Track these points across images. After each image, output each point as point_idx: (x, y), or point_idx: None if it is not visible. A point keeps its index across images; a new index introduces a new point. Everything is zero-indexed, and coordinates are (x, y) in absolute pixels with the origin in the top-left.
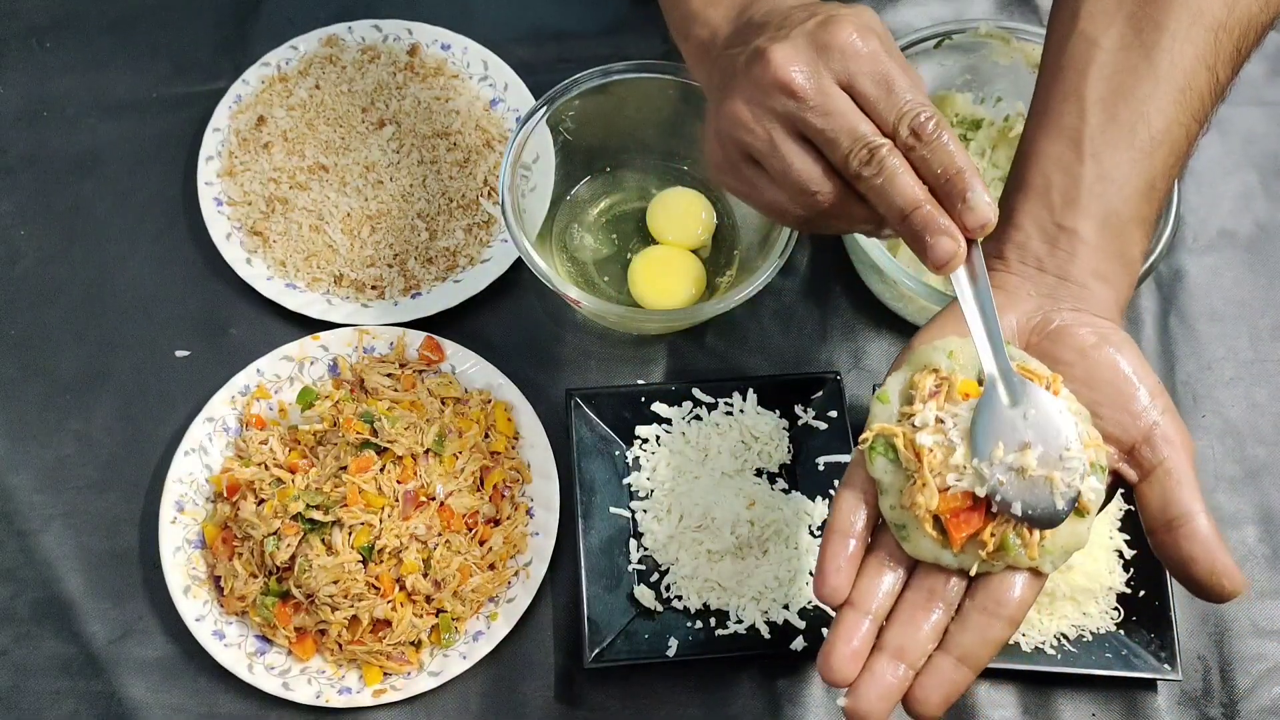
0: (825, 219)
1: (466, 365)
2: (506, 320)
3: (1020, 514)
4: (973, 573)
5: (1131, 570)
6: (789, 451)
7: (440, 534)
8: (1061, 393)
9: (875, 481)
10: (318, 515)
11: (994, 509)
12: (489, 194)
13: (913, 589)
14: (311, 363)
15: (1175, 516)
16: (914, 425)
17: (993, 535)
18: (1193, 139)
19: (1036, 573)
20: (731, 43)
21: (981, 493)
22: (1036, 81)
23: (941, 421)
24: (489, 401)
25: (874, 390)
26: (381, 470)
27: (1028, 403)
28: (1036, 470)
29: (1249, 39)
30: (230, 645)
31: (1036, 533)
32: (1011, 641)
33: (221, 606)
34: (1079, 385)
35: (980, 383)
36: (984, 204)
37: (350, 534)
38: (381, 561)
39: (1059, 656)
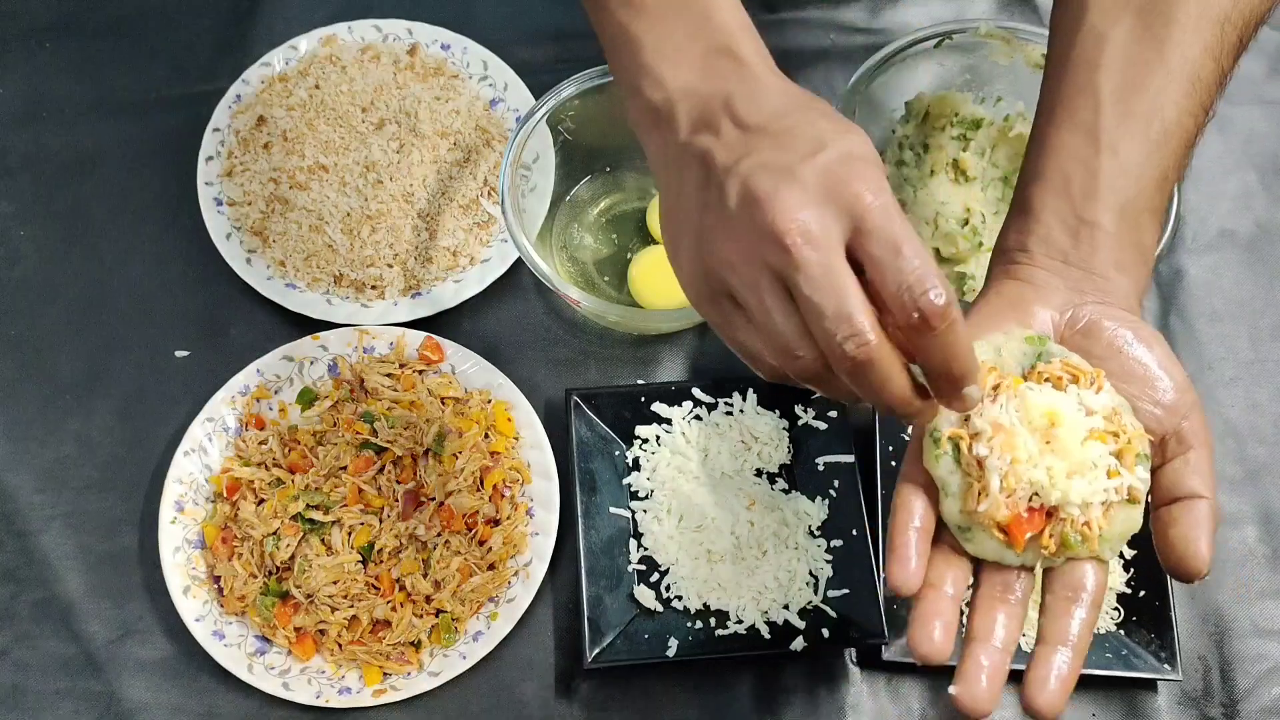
0: (800, 378)
1: (466, 365)
2: (506, 320)
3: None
4: (1037, 570)
5: (1132, 570)
6: (789, 452)
7: (440, 534)
8: (1105, 388)
9: (937, 479)
10: (317, 515)
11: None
12: (489, 194)
13: (985, 583)
14: (311, 363)
15: (1181, 495)
16: (973, 429)
17: (1052, 536)
18: (1200, 128)
19: (1099, 559)
20: (699, 128)
21: (1048, 503)
22: (1044, 75)
23: (1001, 426)
24: (489, 401)
25: None
26: (381, 470)
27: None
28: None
29: (1250, 30)
30: (230, 645)
31: (1095, 525)
32: None
33: (221, 606)
34: (1114, 380)
35: (1026, 378)
36: (976, 396)
37: (350, 534)
38: (381, 561)
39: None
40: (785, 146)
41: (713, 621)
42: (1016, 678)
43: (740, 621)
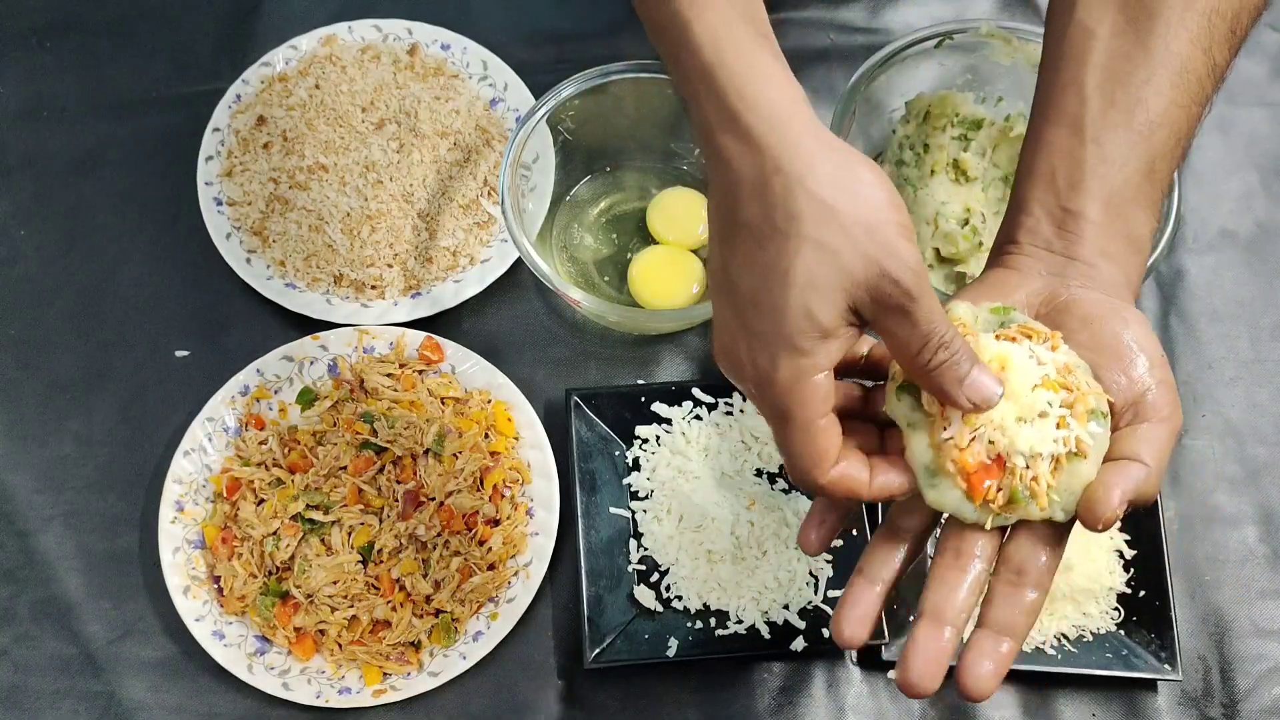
0: None
1: (466, 365)
2: (506, 320)
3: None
4: (988, 525)
5: (1132, 570)
6: None
7: (440, 534)
8: (1061, 348)
9: (900, 419)
10: (317, 515)
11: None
12: (489, 194)
13: (941, 553)
14: (311, 363)
15: (1119, 457)
16: None
17: (1000, 490)
18: (1193, 120)
19: (1055, 526)
20: (755, 189)
21: (998, 448)
22: (1039, 73)
23: None
24: (489, 401)
25: None
26: (381, 470)
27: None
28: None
29: (1243, 21)
30: (230, 645)
31: (1043, 480)
32: None
33: (221, 606)
34: (1081, 349)
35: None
36: (988, 387)
37: (350, 534)
38: (381, 562)
39: (1059, 656)
40: (725, 298)
41: (713, 621)
42: (1016, 677)
43: (740, 621)
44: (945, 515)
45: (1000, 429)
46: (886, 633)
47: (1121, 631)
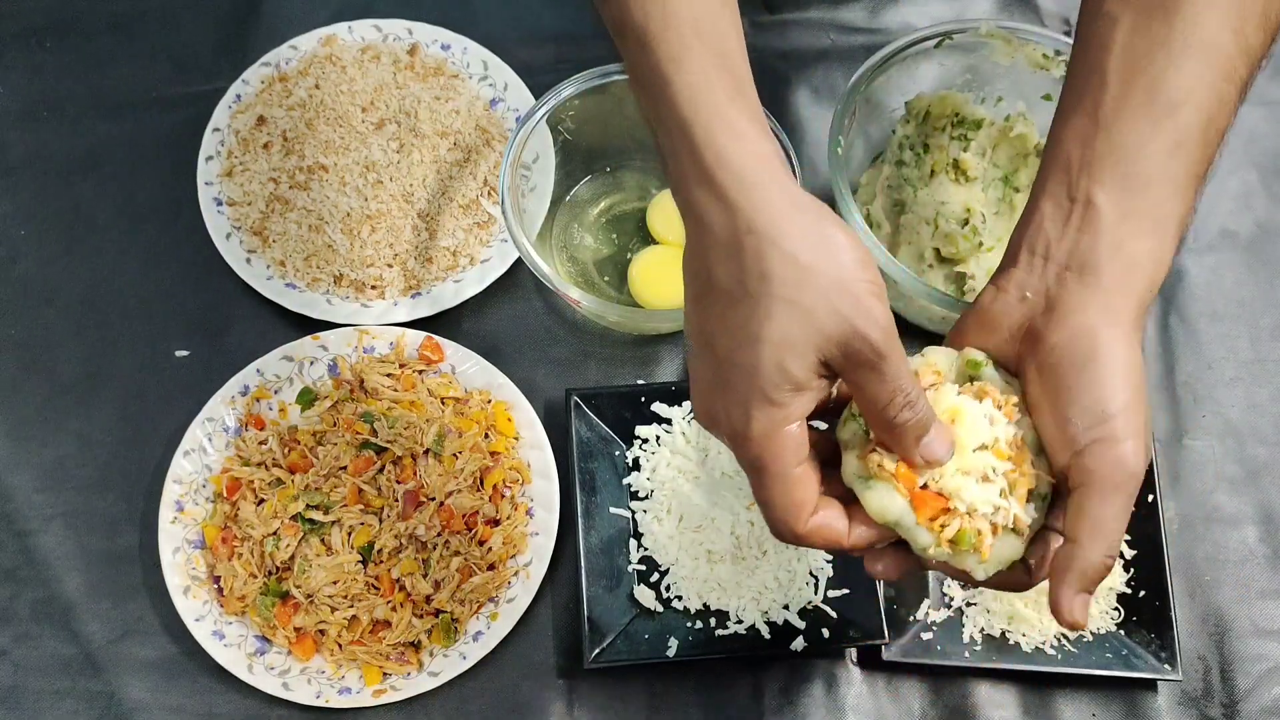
0: None
1: (466, 365)
2: (506, 320)
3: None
4: (931, 552)
5: (1132, 570)
6: None
7: (440, 534)
8: (1015, 418)
9: (842, 443)
10: (317, 515)
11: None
12: (489, 194)
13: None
14: (311, 363)
15: (1052, 527)
16: None
17: (945, 527)
18: (1225, 99)
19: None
20: (728, 249)
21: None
22: (1067, 67)
23: None
24: (489, 401)
25: None
26: (381, 470)
27: None
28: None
29: (1275, 5)
30: (230, 645)
31: (986, 536)
32: (1011, 642)
33: (221, 606)
34: (1038, 402)
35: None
36: (938, 448)
37: (350, 534)
38: (381, 562)
39: (1059, 656)
40: (703, 357)
41: (713, 621)
42: (1016, 677)
43: (740, 621)
44: None
45: (939, 474)
46: (887, 633)
47: (1121, 631)
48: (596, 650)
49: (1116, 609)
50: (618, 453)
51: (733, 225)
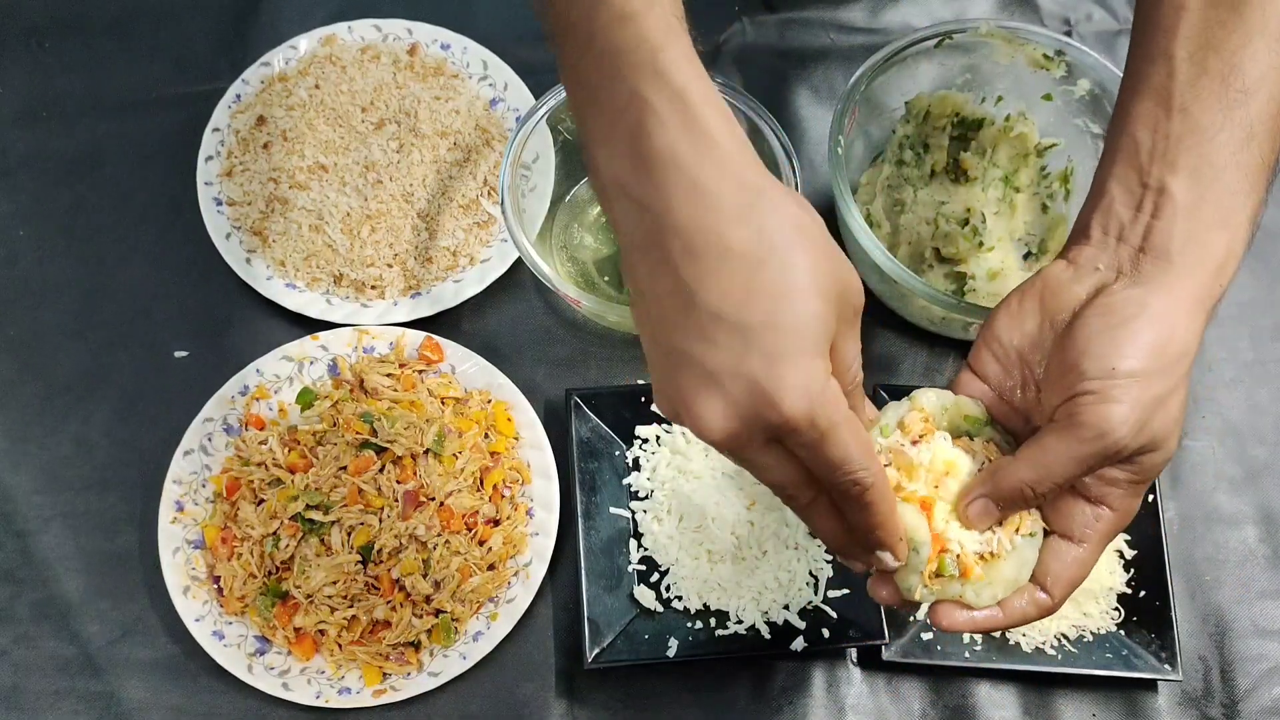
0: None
1: (466, 365)
2: (506, 320)
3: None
4: (917, 595)
5: (1132, 570)
6: None
7: (440, 534)
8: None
9: None
10: (317, 515)
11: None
12: (489, 194)
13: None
14: (311, 363)
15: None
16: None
17: (932, 561)
18: None
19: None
20: (641, 250)
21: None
22: (1128, 53)
23: (906, 458)
24: (489, 401)
25: (874, 391)
26: (381, 470)
27: None
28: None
29: None
30: (230, 645)
31: (971, 560)
32: (1012, 642)
33: (221, 606)
34: (1050, 367)
35: (955, 435)
36: (890, 562)
37: (349, 534)
38: (381, 561)
39: (1059, 657)
40: (713, 339)
41: (713, 621)
42: (1016, 677)
43: (740, 621)
44: None
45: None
46: (887, 633)
47: (1121, 631)
48: (596, 650)
49: (1116, 609)
50: (618, 453)
51: (741, 188)
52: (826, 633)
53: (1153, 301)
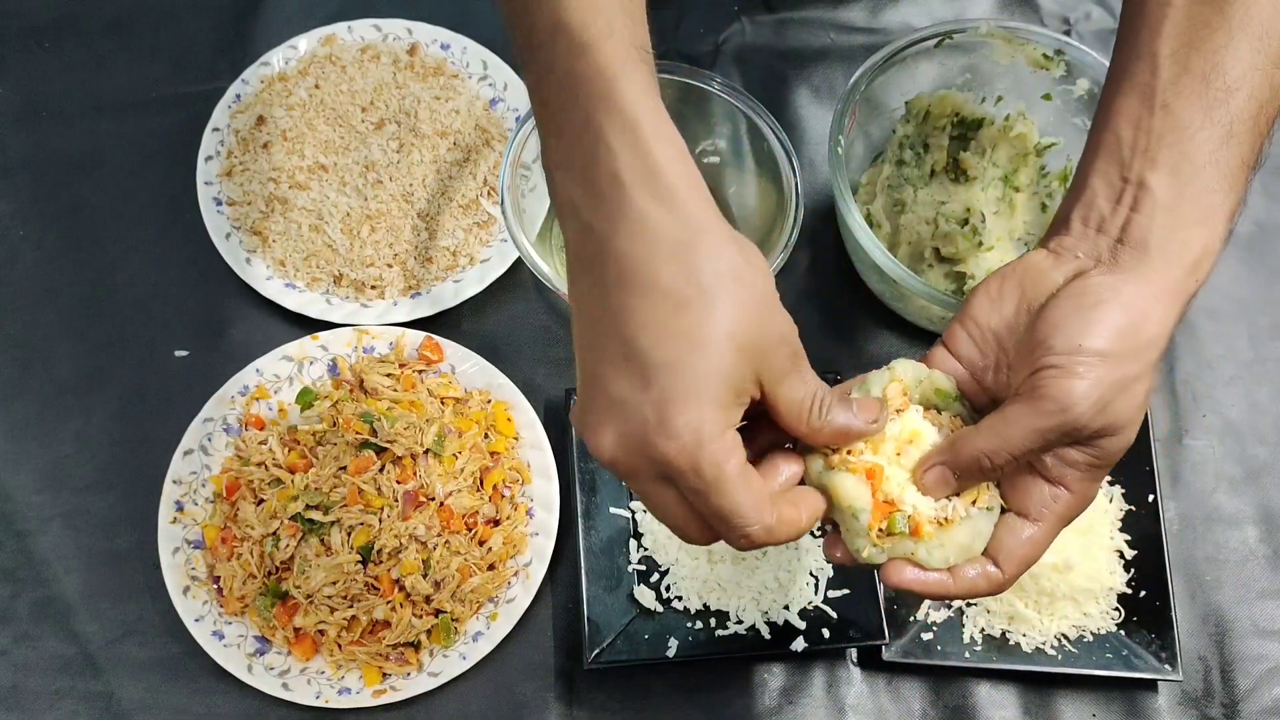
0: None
1: (466, 365)
2: (506, 320)
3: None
4: (865, 553)
5: (1132, 570)
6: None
7: (440, 534)
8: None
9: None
10: (317, 515)
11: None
12: (489, 194)
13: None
14: (311, 363)
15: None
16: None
17: (885, 518)
18: (1277, 88)
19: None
20: (582, 268)
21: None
22: (1114, 48)
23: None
24: (489, 401)
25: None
26: (381, 470)
27: None
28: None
29: None
30: (229, 646)
31: (924, 522)
32: (1012, 642)
33: (221, 607)
34: (1029, 333)
35: (925, 407)
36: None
37: (349, 534)
38: (381, 562)
39: (1059, 657)
40: (621, 368)
41: (713, 621)
42: (1016, 677)
43: (740, 621)
44: None
45: (886, 480)
46: (887, 633)
47: (1122, 631)
48: (596, 650)
49: (1116, 609)
50: None
51: (683, 225)
52: (826, 633)
53: (1127, 288)
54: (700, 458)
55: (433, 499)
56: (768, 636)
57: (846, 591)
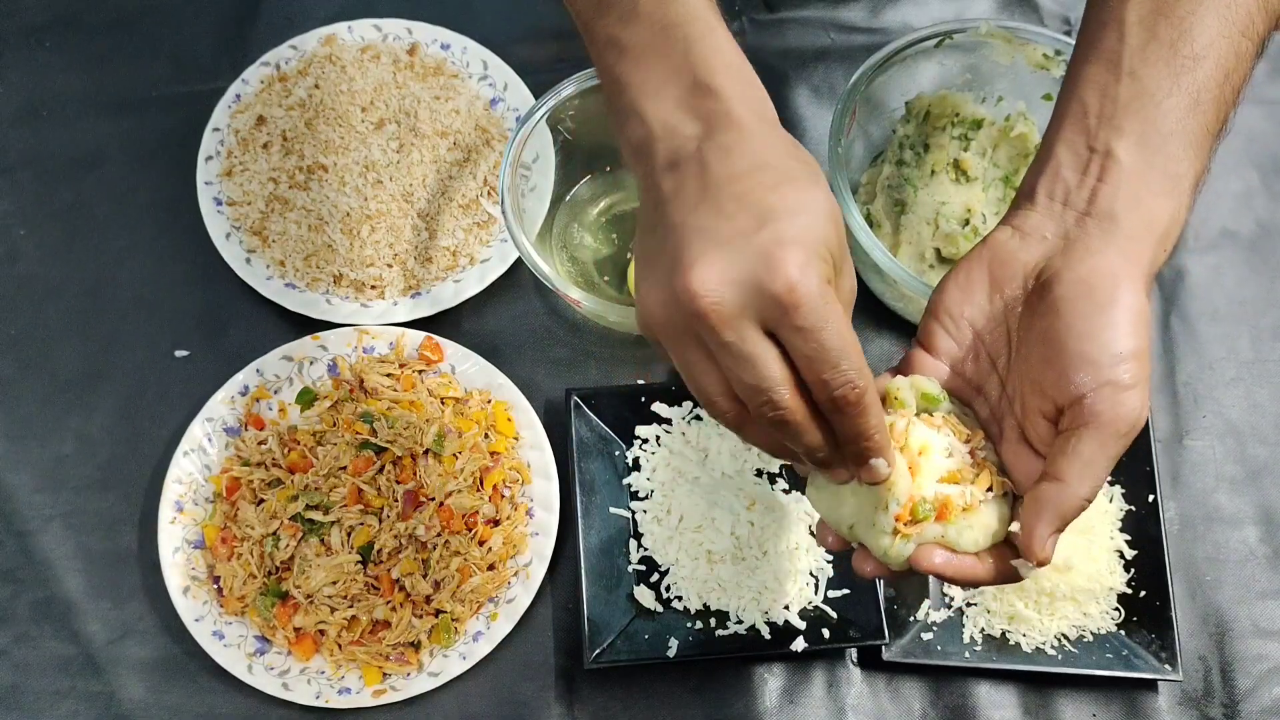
0: (724, 425)
1: (466, 365)
2: (506, 320)
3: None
4: (885, 553)
5: (1132, 570)
6: None
7: (440, 534)
8: (980, 454)
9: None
10: (317, 515)
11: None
12: (489, 194)
13: None
14: (311, 363)
15: (1044, 475)
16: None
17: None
18: (1243, 56)
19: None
20: (668, 169)
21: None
22: (1082, 17)
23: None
24: (489, 401)
25: None
26: (381, 470)
27: None
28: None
29: None
30: (229, 645)
31: (954, 505)
32: (1012, 642)
33: (221, 606)
34: (1036, 344)
35: (917, 413)
36: (883, 471)
37: (349, 534)
38: (381, 562)
39: (1059, 657)
40: (730, 214)
41: (713, 621)
42: (1016, 677)
43: (740, 621)
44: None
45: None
46: (887, 633)
47: (1122, 631)
48: (596, 650)
49: (1117, 609)
50: (617, 453)
51: (786, 138)
52: (826, 633)
53: (1121, 276)
54: (823, 291)
55: (432, 499)
56: (768, 636)
57: (846, 591)
